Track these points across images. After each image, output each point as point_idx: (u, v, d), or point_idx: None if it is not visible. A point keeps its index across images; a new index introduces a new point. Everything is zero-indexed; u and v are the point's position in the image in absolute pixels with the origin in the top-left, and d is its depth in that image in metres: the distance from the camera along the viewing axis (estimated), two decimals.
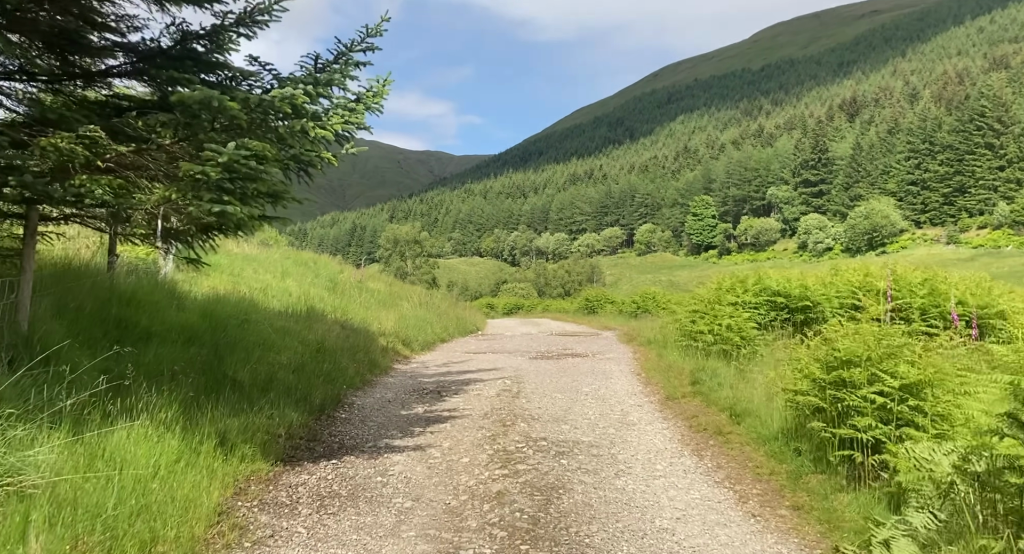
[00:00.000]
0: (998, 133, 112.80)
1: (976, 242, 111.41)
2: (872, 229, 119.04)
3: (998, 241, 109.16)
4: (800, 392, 4.73)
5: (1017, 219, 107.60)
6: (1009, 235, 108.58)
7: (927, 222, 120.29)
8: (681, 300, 12.72)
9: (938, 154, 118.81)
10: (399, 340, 11.94)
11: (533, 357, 11.91)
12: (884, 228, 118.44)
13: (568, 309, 33.52)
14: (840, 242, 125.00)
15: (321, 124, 5.03)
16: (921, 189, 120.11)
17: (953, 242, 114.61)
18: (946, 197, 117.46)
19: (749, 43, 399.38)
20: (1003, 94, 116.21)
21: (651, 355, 10.72)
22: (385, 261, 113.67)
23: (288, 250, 23.93)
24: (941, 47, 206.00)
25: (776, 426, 5.38)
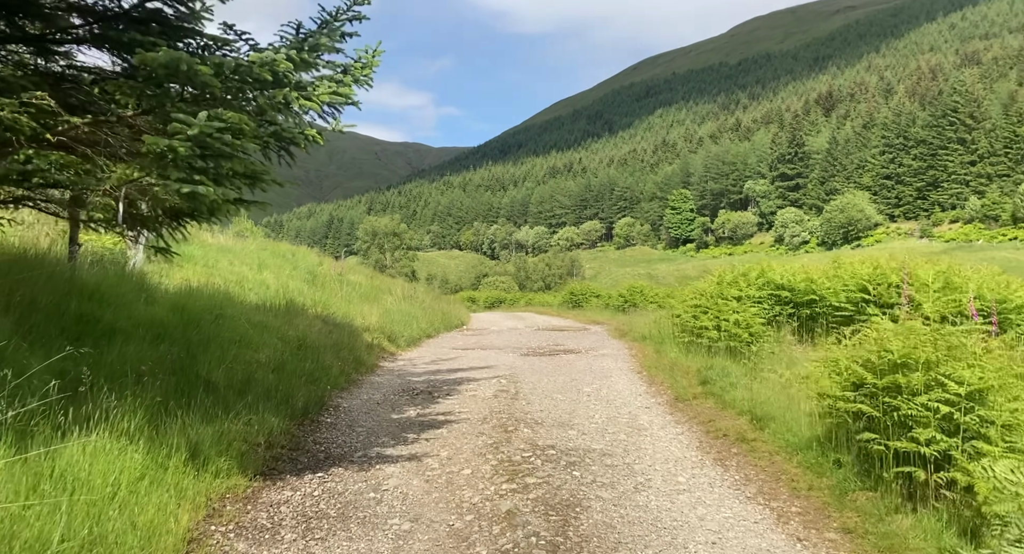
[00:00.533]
0: (970, 128, 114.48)
1: (948, 236, 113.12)
2: (848, 223, 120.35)
3: (969, 235, 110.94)
4: (842, 398, 4.27)
5: (988, 214, 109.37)
6: (980, 229, 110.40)
7: (901, 216, 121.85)
8: (677, 294, 12.28)
9: (912, 149, 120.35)
10: (384, 336, 11.37)
11: (525, 354, 11.40)
12: (859, 222, 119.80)
13: (551, 303, 33.04)
14: (816, 236, 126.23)
15: (306, 95, 4.44)
16: (895, 183, 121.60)
17: (926, 236, 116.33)
18: (919, 191, 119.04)
19: (727, 37, 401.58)
20: (975, 90, 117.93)
21: (649, 352, 10.27)
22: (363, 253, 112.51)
23: (265, 241, 23.15)
24: (914, 43, 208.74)
25: (806, 433, 4.93)
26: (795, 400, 5.76)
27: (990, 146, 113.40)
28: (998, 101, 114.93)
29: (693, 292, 9.95)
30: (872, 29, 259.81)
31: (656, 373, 8.28)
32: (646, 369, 8.79)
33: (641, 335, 12.38)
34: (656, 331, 11.80)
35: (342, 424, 6.18)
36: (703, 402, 6.41)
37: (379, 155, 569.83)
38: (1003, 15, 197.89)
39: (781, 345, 8.03)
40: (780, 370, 6.96)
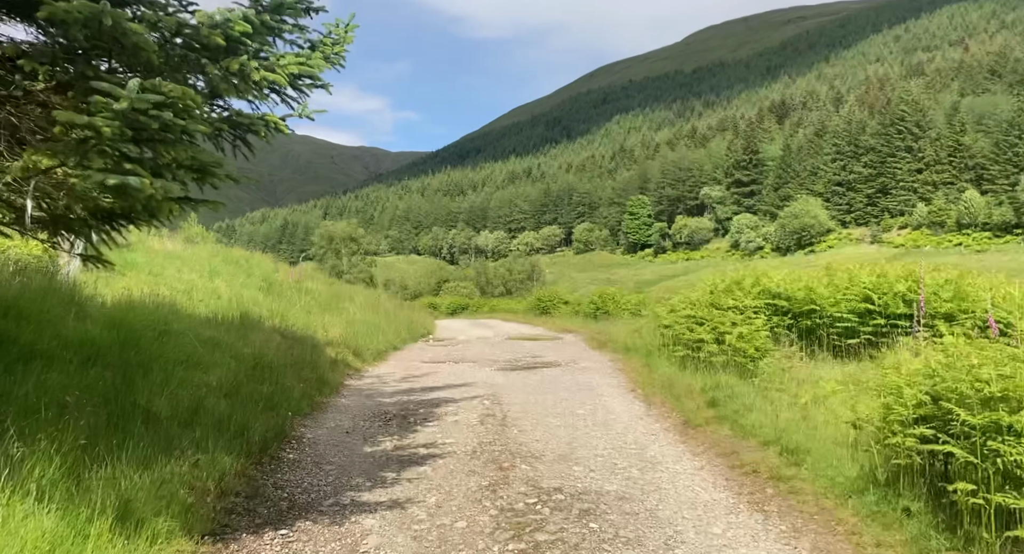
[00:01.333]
0: (916, 137, 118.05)
1: (898, 242, 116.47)
2: (801, 229, 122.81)
3: (917, 241, 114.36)
4: (914, 435, 3.61)
5: (934, 220, 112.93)
6: (927, 235, 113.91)
7: (852, 222, 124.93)
8: (660, 302, 11.66)
9: (862, 156, 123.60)
10: (349, 350, 10.46)
11: (503, 368, 10.62)
12: (813, 227, 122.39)
13: (517, 309, 32.31)
14: (771, 242, 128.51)
15: (268, 65, 3.60)
16: (846, 190, 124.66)
17: (877, 242, 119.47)
18: (870, 198, 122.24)
19: (681, 46, 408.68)
20: (920, 100, 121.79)
21: (636, 365, 9.61)
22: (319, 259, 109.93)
23: (217, 247, 21.84)
24: (862, 54, 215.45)
25: (852, 471, 4.28)
26: (822, 426, 5.13)
27: (935, 154, 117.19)
28: (942, 111, 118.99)
29: (684, 301, 9.33)
30: (821, 39, 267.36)
31: (652, 392, 7.59)
32: (640, 386, 8.10)
33: (623, 346, 11.72)
34: (640, 342, 11.16)
35: (308, 461, 5.31)
36: (717, 428, 5.74)
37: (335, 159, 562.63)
38: (943, 29, 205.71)
39: (791, 361, 7.44)
40: (792, 389, 6.35)
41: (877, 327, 7.92)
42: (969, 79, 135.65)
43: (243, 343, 8.15)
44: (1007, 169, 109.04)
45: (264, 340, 8.76)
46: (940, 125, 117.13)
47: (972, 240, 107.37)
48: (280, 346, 8.83)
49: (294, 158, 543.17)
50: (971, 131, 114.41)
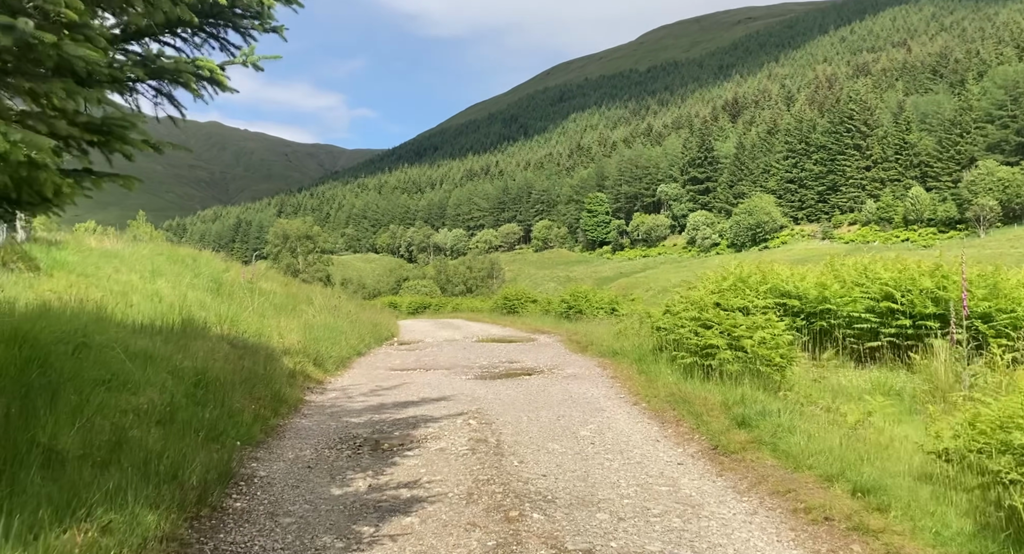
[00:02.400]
0: (864, 135, 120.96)
1: (848, 237, 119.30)
2: (756, 225, 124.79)
3: (867, 236, 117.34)
4: None
5: (882, 216, 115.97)
6: (876, 231, 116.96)
7: (804, 219, 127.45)
8: (648, 301, 10.71)
9: (813, 154, 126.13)
10: (308, 359, 9.27)
11: (480, 376, 9.59)
12: (766, 224, 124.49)
13: (481, 308, 31.19)
14: (726, 238, 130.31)
15: None
16: (798, 187, 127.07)
17: (828, 238, 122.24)
18: (820, 195, 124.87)
19: (636, 45, 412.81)
20: (868, 99, 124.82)
21: (630, 373, 8.69)
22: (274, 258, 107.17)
23: (162, 245, 20.23)
24: (810, 54, 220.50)
25: (962, 524, 3.39)
26: (886, 453, 4.25)
27: (883, 152, 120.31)
28: (888, 110, 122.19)
29: (683, 301, 8.44)
30: (771, 39, 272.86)
31: (661, 406, 6.64)
32: (643, 399, 7.16)
33: (609, 349, 10.80)
34: (628, 345, 10.26)
35: (260, 511, 4.19)
36: (757, 456, 4.80)
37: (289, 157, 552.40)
38: (887, 30, 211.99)
39: (822, 369, 6.57)
40: (827, 402, 5.50)
41: (901, 329, 7.16)
42: (913, 79, 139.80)
43: (183, 355, 6.94)
44: (950, 167, 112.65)
45: (209, 350, 7.54)
46: (887, 124, 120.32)
47: (918, 236, 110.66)
48: (229, 357, 7.62)
49: (247, 155, 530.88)
50: (916, 130, 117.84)
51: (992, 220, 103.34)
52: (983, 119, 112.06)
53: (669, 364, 8.13)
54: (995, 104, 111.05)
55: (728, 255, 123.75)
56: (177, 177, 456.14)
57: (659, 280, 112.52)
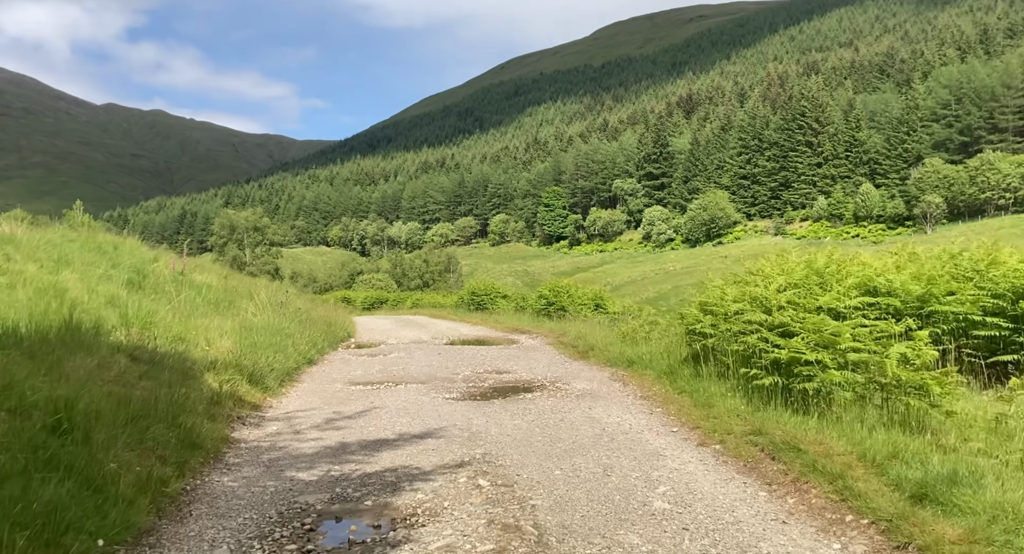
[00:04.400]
0: (816, 132, 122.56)
1: (800, 233, 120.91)
2: (710, 221, 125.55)
3: (818, 232, 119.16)
4: None
5: (833, 212, 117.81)
6: (827, 227, 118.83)
7: (757, 214, 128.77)
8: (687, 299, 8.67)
9: (766, 150, 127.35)
10: (242, 374, 6.94)
11: (468, 393, 7.49)
12: (721, 220, 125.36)
13: (444, 304, 28.86)
14: (681, 233, 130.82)
15: None
16: (751, 183, 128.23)
17: (780, 233, 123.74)
18: (773, 191, 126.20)
19: (590, 41, 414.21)
20: (819, 96, 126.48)
21: (668, 392, 6.70)
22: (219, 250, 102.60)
23: (75, 231, 17.36)
24: (761, 52, 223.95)
25: None
26: None
27: (833, 149, 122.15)
28: (839, 108, 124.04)
29: (730, 298, 6.49)
30: (723, 38, 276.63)
31: (747, 450, 4.60)
32: (710, 436, 5.13)
33: (622, 357, 8.81)
34: (646, 352, 8.31)
35: None
36: None
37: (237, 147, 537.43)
38: (834, 30, 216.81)
39: (1006, 399, 4.65)
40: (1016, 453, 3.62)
41: None
42: (861, 78, 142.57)
43: (48, 378, 4.68)
44: (897, 164, 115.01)
45: (95, 369, 5.28)
46: (837, 121, 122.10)
47: (868, 232, 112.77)
48: (123, 378, 5.35)
49: (192, 145, 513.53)
50: (865, 127, 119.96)
51: (938, 217, 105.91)
52: (929, 118, 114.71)
53: (719, 381, 6.21)
54: (940, 103, 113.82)
55: (683, 250, 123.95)
56: (119, 167, 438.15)
57: (616, 275, 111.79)
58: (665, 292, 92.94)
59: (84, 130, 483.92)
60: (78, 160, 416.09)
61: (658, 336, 9.49)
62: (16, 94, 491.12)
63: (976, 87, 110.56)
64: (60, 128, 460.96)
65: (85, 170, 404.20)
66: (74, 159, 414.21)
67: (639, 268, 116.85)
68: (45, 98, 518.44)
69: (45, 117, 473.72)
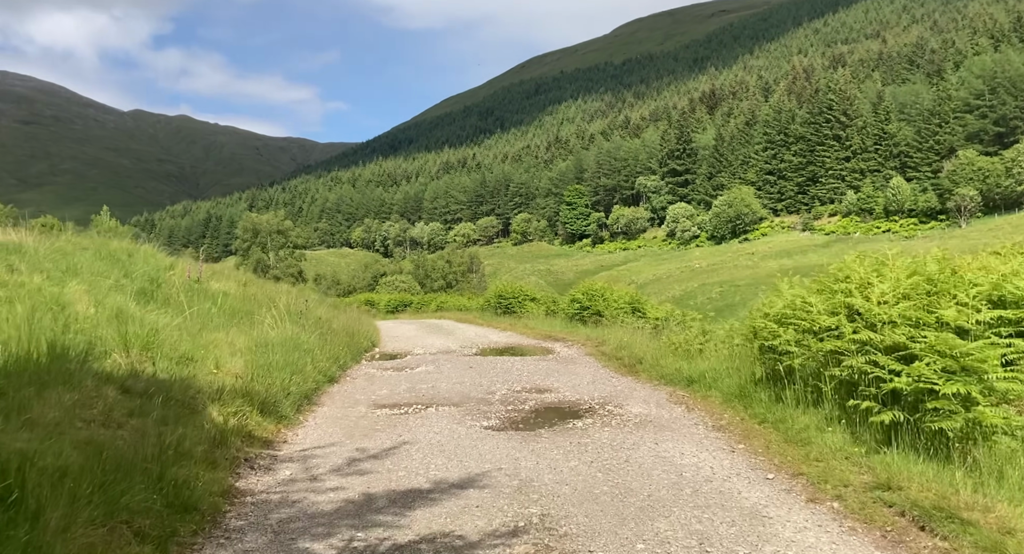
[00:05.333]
0: (844, 125, 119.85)
1: (828, 229, 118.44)
2: (736, 217, 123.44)
3: (847, 227, 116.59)
4: None
5: (863, 207, 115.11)
6: (856, 222, 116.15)
7: (783, 210, 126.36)
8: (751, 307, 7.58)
9: (792, 145, 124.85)
10: (253, 404, 6.03)
11: (508, 420, 6.56)
12: (746, 216, 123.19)
13: (469, 307, 27.93)
14: (706, 230, 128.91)
15: None
16: (777, 178, 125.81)
17: (808, 229, 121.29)
18: (800, 186, 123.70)
19: (610, 38, 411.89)
20: (847, 89, 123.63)
21: (745, 421, 5.71)
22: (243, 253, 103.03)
23: (89, 238, 16.72)
24: (784, 46, 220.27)
25: None
26: None
27: (862, 143, 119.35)
28: (867, 100, 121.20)
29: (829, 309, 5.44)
30: (745, 32, 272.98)
31: (881, 516, 3.55)
32: (819, 486, 4.12)
33: (677, 374, 7.81)
34: (707, 369, 7.30)
35: None
36: None
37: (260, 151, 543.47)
38: (860, 22, 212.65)
39: None
40: None
41: None
42: (889, 69, 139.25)
43: (10, 424, 3.83)
44: (929, 157, 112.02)
45: (72, 408, 4.43)
46: (866, 114, 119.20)
47: (899, 226, 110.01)
48: (106, 417, 4.50)
49: (217, 149, 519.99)
50: (895, 120, 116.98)
51: (973, 210, 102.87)
52: (962, 109, 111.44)
53: (809, 410, 5.21)
54: (973, 94, 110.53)
55: (708, 247, 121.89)
56: (145, 172, 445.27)
57: (641, 273, 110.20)
58: (692, 290, 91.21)
59: (112, 136, 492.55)
60: (106, 166, 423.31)
61: (714, 348, 8.49)
62: (46, 103, 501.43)
63: (1011, 76, 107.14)
64: (89, 135, 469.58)
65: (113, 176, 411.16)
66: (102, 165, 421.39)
67: (664, 266, 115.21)
68: (74, 106, 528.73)
69: (74, 124, 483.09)
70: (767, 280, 56.41)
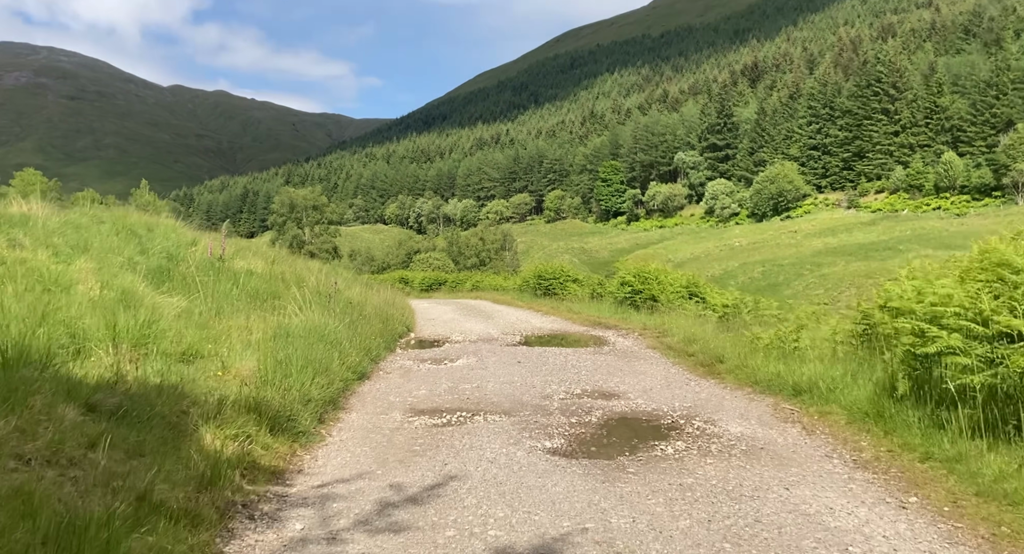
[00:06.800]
0: (893, 99, 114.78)
1: (875, 206, 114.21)
2: (778, 194, 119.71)
3: (895, 205, 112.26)
4: None
5: (912, 183, 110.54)
6: (904, 199, 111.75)
7: (828, 187, 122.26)
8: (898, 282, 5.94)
9: (838, 119, 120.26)
10: (262, 420, 4.73)
11: (577, 441, 5.25)
12: (789, 193, 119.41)
13: (506, 287, 26.60)
14: (746, 207, 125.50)
15: None
16: (822, 154, 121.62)
17: (853, 206, 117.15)
18: (845, 162, 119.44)
19: (648, 10, 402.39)
20: (897, 60, 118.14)
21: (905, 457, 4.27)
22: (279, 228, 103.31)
23: (109, 210, 15.72)
24: (830, 17, 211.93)
25: None
26: None
27: (912, 116, 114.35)
28: (918, 72, 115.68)
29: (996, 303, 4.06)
30: (789, 3, 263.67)
31: None
32: None
33: (781, 381, 6.41)
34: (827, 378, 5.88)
35: None
36: None
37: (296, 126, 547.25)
38: None
39: None
40: None
41: None
42: (943, 40, 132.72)
43: None
44: (984, 131, 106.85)
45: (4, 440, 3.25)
46: (916, 86, 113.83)
47: (951, 204, 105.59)
48: (49, 451, 3.29)
49: (254, 125, 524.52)
50: (948, 92, 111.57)
51: None
52: (1022, 80, 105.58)
53: (1000, 445, 3.81)
54: None
55: (748, 225, 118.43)
56: (185, 147, 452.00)
57: (678, 251, 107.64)
58: (732, 269, 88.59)
59: (152, 112, 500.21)
60: (147, 141, 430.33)
61: (811, 346, 7.05)
62: (90, 78, 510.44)
63: None
64: (130, 110, 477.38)
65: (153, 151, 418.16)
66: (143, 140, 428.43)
67: (702, 244, 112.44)
68: (116, 81, 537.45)
69: (116, 100, 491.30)
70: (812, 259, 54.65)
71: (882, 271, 66.15)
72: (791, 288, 69.76)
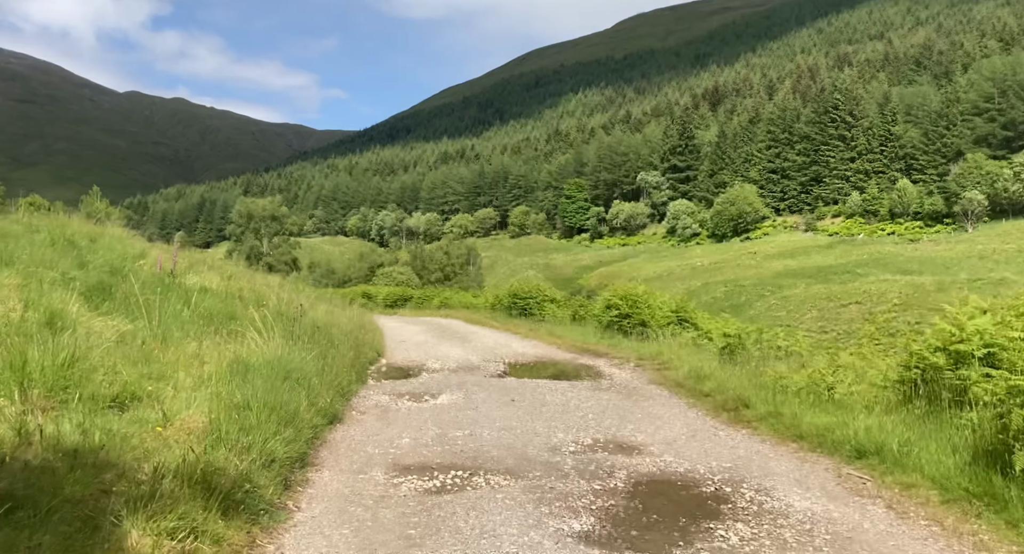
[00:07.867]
0: (849, 126, 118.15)
1: (832, 229, 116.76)
2: (738, 215, 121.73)
3: (851, 229, 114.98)
4: None
5: (867, 208, 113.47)
6: (860, 223, 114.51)
7: (786, 209, 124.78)
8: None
9: (796, 144, 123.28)
10: (209, 499, 3.62)
11: (610, 520, 4.18)
12: (748, 214, 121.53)
13: (476, 305, 25.39)
14: (707, 228, 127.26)
15: None
16: (780, 177, 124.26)
17: (811, 229, 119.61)
18: (803, 186, 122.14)
19: (611, 33, 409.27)
20: (853, 89, 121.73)
21: None
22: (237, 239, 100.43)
23: (46, 218, 14.17)
24: (787, 45, 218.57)
25: None
26: None
27: (868, 143, 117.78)
28: (874, 101, 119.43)
29: None
30: (748, 30, 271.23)
31: None
32: None
33: (835, 437, 5.48)
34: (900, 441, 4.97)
35: None
36: None
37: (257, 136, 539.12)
38: (863, 23, 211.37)
39: None
40: None
41: None
42: (896, 70, 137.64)
43: None
44: (935, 159, 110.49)
45: None
46: (872, 114, 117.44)
47: (904, 229, 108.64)
48: None
49: (213, 134, 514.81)
50: (901, 121, 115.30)
51: (980, 214, 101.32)
52: (970, 112, 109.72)
53: None
54: (982, 97, 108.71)
55: (709, 245, 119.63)
56: (140, 154, 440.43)
57: (641, 270, 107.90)
58: (695, 289, 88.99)
59: (107, 118, 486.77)
60: (101, 147, 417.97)
61: (852, 390, 6.17)
62: (42, 81, 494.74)
63: (1021, 80, 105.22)
64: (84, 115, 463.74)
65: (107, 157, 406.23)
66: (97, 146, 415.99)
67: (664, 263, 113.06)
68: (70, 85, 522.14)
69: (70, 104, 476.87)
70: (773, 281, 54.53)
71: (843, 294, 66.86)
72: (754, 309, 70.14)
